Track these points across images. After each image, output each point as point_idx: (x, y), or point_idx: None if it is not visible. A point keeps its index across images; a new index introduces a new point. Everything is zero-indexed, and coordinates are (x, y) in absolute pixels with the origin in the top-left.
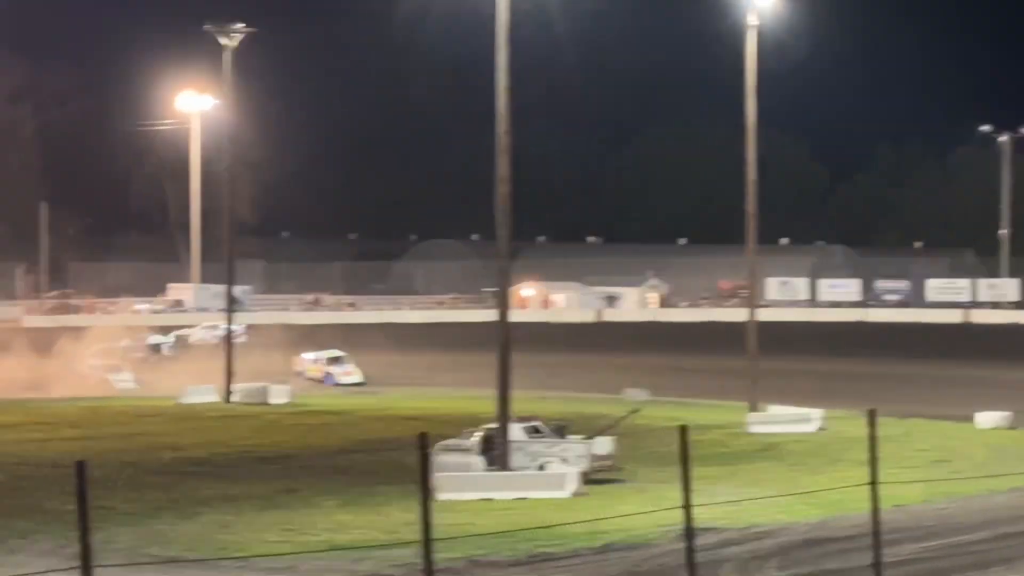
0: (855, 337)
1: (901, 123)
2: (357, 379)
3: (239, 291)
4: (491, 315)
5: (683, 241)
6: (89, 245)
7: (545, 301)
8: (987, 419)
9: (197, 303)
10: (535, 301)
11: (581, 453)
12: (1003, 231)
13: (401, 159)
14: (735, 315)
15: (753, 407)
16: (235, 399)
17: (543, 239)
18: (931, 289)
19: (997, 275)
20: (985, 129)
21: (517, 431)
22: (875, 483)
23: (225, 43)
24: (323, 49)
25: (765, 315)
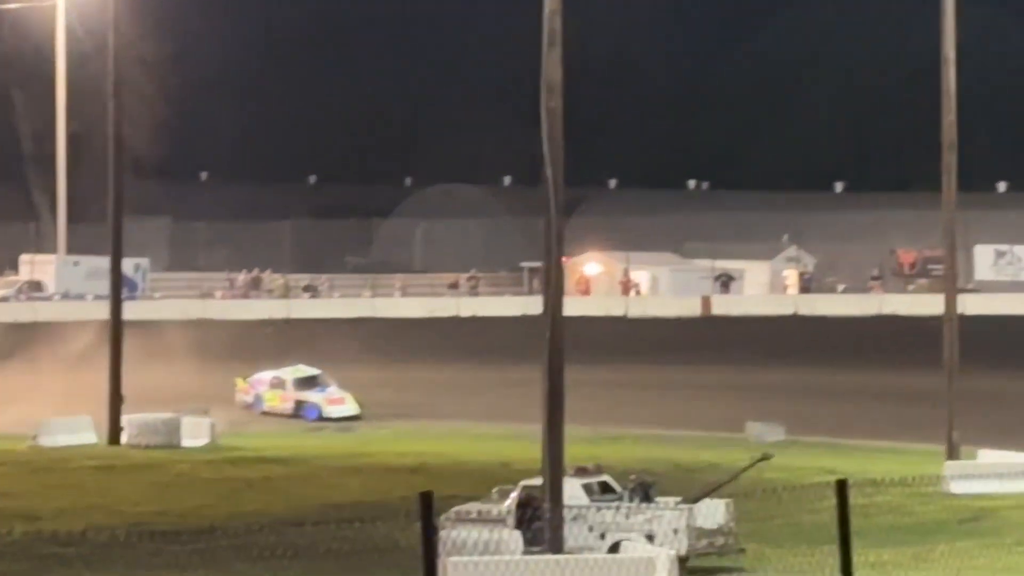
0: None
1: None
2: (352, 410)
3: (131, 267)
4: (532, 305)
5: (839, 187)
6: None
7: (623, 283)
8: None
9: (62, 285)
10: (604, 282)
11: (677, 526)
12: None
13: (390, 60)
14: (923, 305)
15: (952, 453)
16: (126, 439)
17: (616, 183)
18: None
19: None
20: None
21: (575, 491)
22: None
23: None
24: None
25: (972, 305)
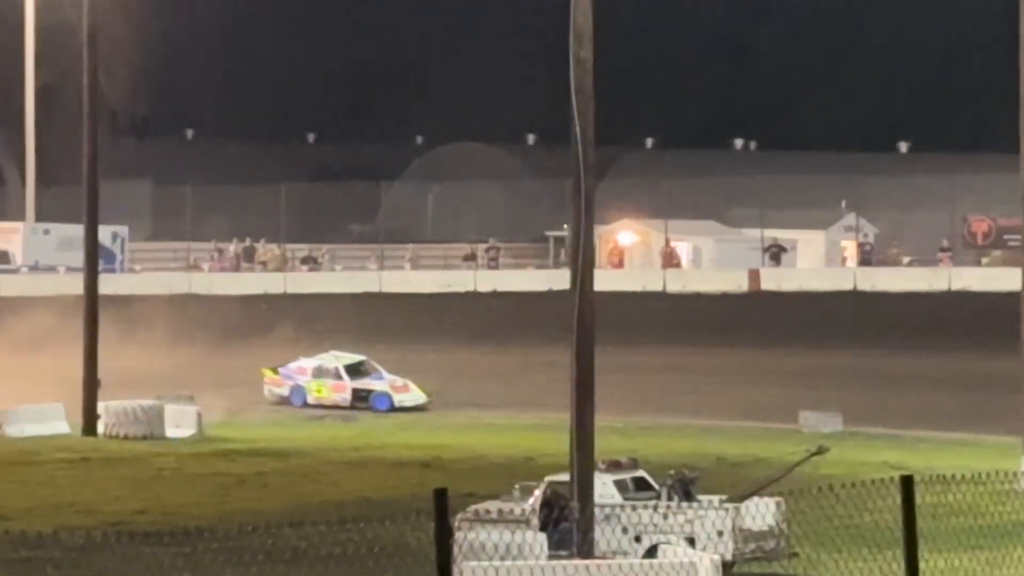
0: None
1: None
2: (421, 398)
3: (109, 235)
4: (559, 279)
5: (904, 147)
6: None
7: (666, 254)
8: None
9: (31, 255)
10: (640, 253)
11: (722, 527)
12: None
13: (397, 8)
14: (998, 280)
15: None
16: (103, 430)
17: (653, 143)
18: None
19: None
20: None
21: (607, 487)
22: None
23: None
24: None
25: None
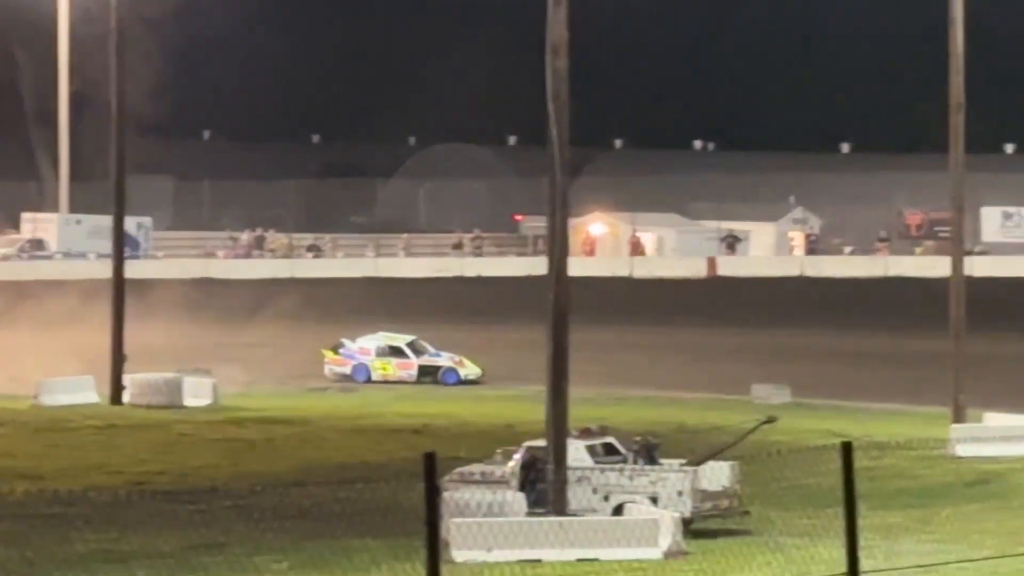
0: None
1: None
2: (477, 372)
3: (134, 225)
4: (537, 266)
5: (846, 148)
6: None
7: (632, 244)
8: None
9: (65, 244)
10: (609, 243)
11: (682, 488)
12: None
13: (394, 18)
14: (929, 266)
15: (958, 416)
16: (128, 399)
17: (622, 144)
18: None
19: None
20: None
21: (580, 452)
22: None
23: None
24: None
25: (979, 267)
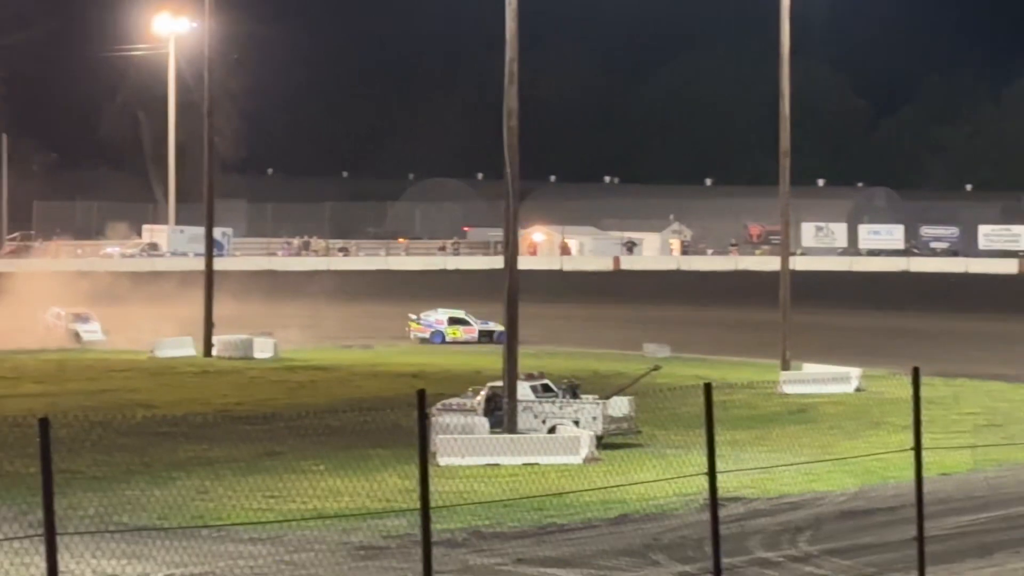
0: (898, 289)
1: (951, 54)
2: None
3: (219, 234)
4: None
5: (709, 182)
6: (54, 182)
7: (561, 247)
8: None
9: (173, 247)
10: (546, 247)
11: (595, 414)
12: None
13: (399, 91)
14: (766, 263)
15: (785, 365)
16: (215, 353)
17: (555, 179)
18: (982, 236)
19: None
20: None
21: (525, 390)
22: (919, 449)
23: None
24: None
25: (799, 264)
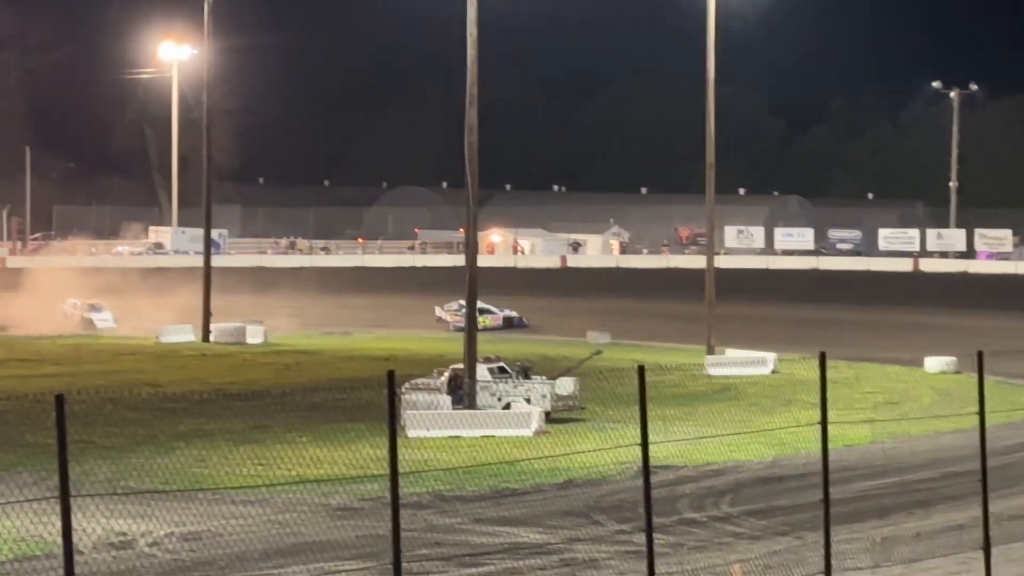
0: (808, 284)
1: (856, 79)
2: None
3: (217, 235)
4: (459, 260)
5: (644, 190)
6: (72, 189)
7: (513, 247)
8: (934, 364)
9: (175, 246)
10: (502, 247)
11: (544, 393)
12: (952, 183)
13: (374, 110)
14: (694, 262)
15: (710, 350)
16: (212, 338)
17: (510, 187)
18: (882, 238)
19: (946, 226)
20: (935, 86)
21: (483, 372)
22: (825, 423)
23: None
24: (298, 3)
25: (722, 262)
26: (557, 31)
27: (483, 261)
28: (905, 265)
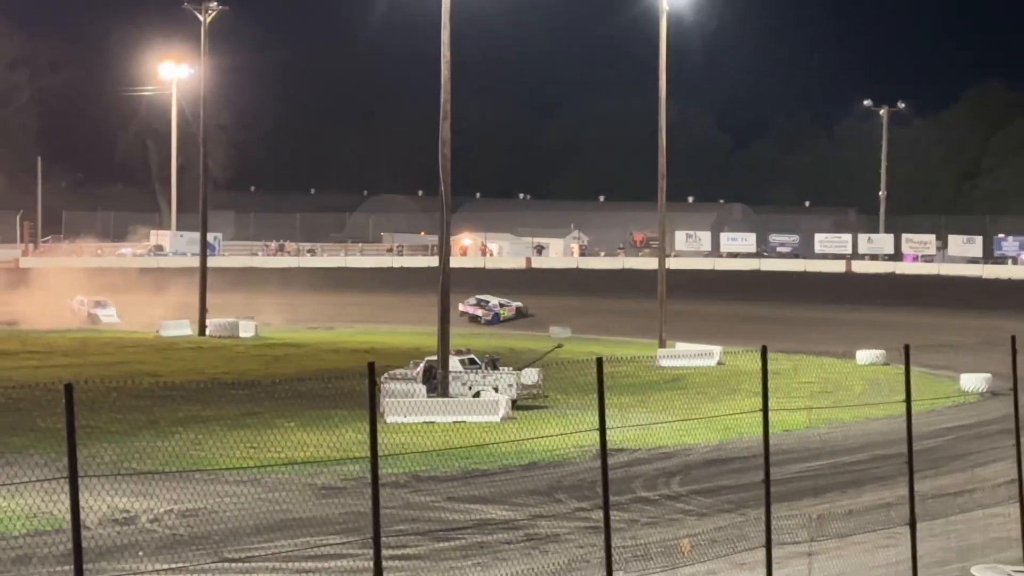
0: (751, 284)
1: (795, 98)
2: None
3: (212, 238)
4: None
5: (602, 198)
6: (79, 196)
7: (482, 249)
8: (865, 356)
9: (174, 248)
10: (473, 249)
11: (511, 382)
12: (881, 192)
13: (356, 124)
14: (647, 263)
15: (662, 344)
16: (208, 333)
17: (480, 195)
18: (818, 242)
19: (875, 231)
20: (867, 104)
21: (455, 363)
22: (766, 411)
23: (202, 18)
24: (287, 25)
25: (673, 264)
26: (523, 54)
27: (455, 262)
28: (839, 267)
